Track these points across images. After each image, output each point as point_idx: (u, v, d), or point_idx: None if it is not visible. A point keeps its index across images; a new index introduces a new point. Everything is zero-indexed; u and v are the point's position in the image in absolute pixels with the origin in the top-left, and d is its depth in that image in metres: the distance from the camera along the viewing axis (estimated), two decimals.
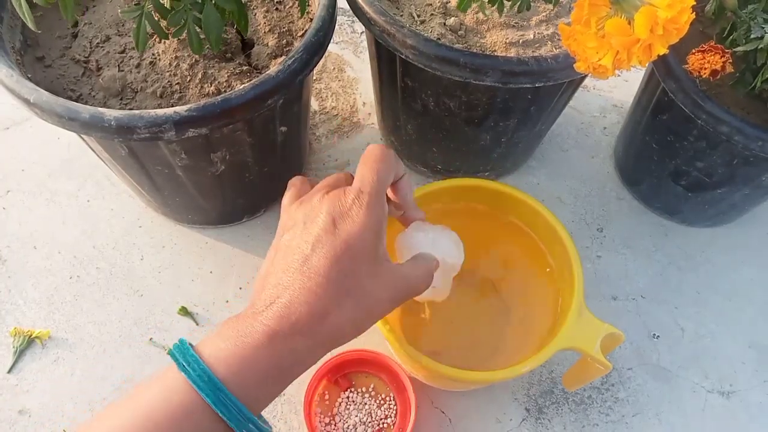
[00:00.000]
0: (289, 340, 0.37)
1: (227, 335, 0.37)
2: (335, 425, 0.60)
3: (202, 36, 0.52)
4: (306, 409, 0.59)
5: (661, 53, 0.33)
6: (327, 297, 0.38)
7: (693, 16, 0.32)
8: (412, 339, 0.63)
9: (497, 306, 0.66)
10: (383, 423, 0.60)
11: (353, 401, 0.61)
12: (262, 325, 0.37)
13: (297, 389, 0.62)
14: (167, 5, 0.50)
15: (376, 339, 0.65)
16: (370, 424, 0.60)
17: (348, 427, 0.60)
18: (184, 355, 0.36)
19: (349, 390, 0.62)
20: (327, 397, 0.61)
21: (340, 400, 0.61)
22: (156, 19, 0.51)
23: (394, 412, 0.61)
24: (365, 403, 0.61)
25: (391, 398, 0.62)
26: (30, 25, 0.46)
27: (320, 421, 0.60)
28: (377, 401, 0.62)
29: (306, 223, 0.41)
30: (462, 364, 0.50)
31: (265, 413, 0.61)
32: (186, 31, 0.50)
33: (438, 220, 0.60)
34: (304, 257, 0.39)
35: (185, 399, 0.35)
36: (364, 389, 0.62)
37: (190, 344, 0.38)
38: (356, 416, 0.60)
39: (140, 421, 0.35)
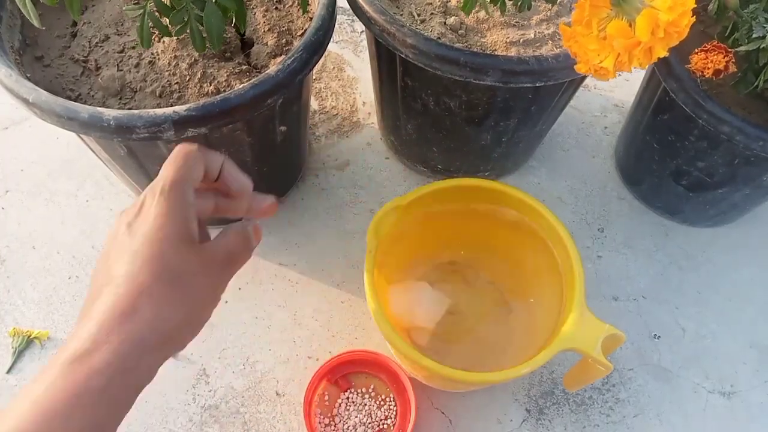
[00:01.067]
0: (78, 371, 0.31)
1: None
2: (335, 426, 0.60)
3: (204, 35, 0.52)
4: (306, 409, 0.59)
5: (662, 56, 0.33)
6: (129, 294, 0.33)
7: (693, 19, 0.32)
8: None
9: (500, 307, 0.66)
10: (383, 424, 0.60)
11: (353, 402, 0.61)
12: (45, 371, 0.32)
13: (297, 390, 0.62)
14: (168, 3, 0.50)
15: (376, 339, 0.65)
16: (370, 425, 0.60)
17: (348, 428, 0.60)
18: None
19: (348, 391, 0.62)
20: (327, 397, 0.61)
21: (339, 400, 0.61)
22: (158, 17, 0.51)
23: (394, 412, 0.61)
24: (365, 404, 0.61)
25: (391, 399, 0.61)
26: (35, 22, 0.46)
27: (320, 422, 0.60)
28: (377, 402, 0.61)
29: (109, 239, 0.38)
30: (463, 364, 0.50)
31: (265, 413, 0.61)
32: (188, 29, 0.50)
33: (438, 220, 0.60)
34: (107, 268, 0.36)
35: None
36: (364, 390, 0.62)
37: None
38: (356, 417, 0.60)
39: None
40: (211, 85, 0.57)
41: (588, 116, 0.85)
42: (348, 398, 0.61)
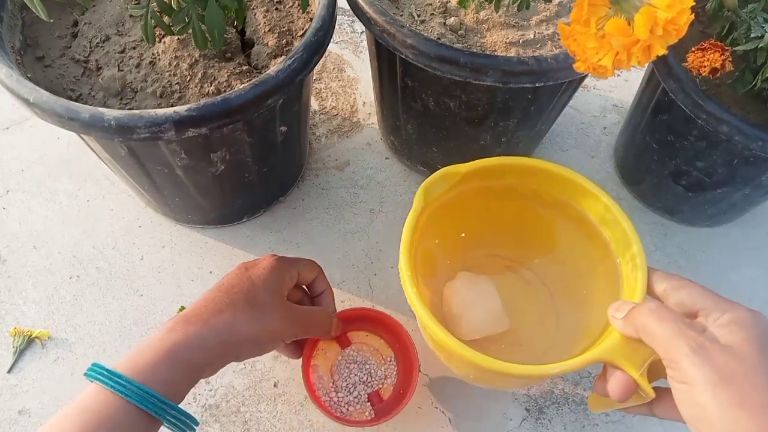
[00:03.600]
0: (180, 328, 0.44)
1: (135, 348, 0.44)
2: (334, 383, 0.59)
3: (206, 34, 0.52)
4: (305, 366, 0.58)
5: (661, 54, 0.33)
6: (222, 301, 0.47)
7: (692, 17, 0.32)
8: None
9: (548, 310, 0.62)
10: (383, 383, 0.60)
11: (354, 360, 0.61)
12: (161, 326, 0.45)
13: (297, 389, 0.62)
14: (169, 3, 0.50)
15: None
16: (369, 384, 0.60)
17: (347, 386, 0.59)
18: (92, 369, 0.42)
19: (349, 348, 0.61)
20: (327, 354, 0.61)
21: (340, 358, 0.61)
22: (159, 16, 0.51)
23: (395, 372, 0.60)
24: (365, 363, 0.61)
25: (392, 359, 0.61)
26: (42, 15, 0.46)
27: (318, 378, 0.60)
28: (377, 361, 0.61)
29: (230, 273, 0.52)
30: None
31: (266, 412, 0.61)
32: (191, 28, 0.51)
33: (495, 201, 0.57)
34: (217, 285, 0.49)
35: (96, 400, 0.41)
36: (365, 348, 0.62)
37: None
38: (356, 375, 0.60)
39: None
40: (211, 86, 0.57)
41: (587, 116, 0.85)
42: (348, 355, 0.61)
